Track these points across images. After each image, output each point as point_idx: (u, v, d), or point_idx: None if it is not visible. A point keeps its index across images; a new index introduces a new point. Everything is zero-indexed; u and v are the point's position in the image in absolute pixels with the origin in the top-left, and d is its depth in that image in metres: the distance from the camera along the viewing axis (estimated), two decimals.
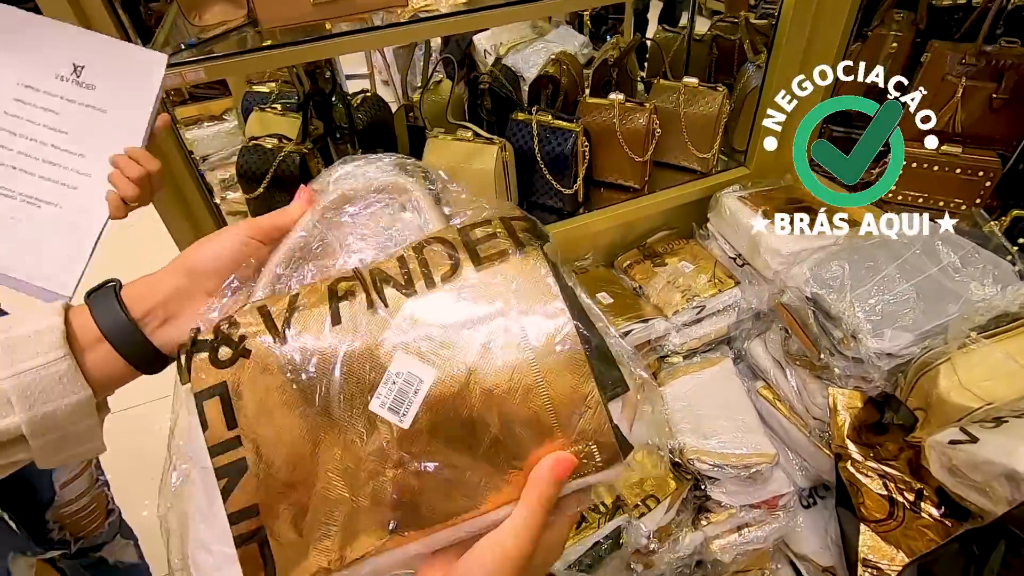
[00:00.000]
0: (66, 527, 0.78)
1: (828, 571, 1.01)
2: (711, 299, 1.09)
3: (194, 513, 0.37)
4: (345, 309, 0.35)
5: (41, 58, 0.65)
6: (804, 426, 0.99)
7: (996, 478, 0.68)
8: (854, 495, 0.87)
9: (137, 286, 0.38)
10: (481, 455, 0.34)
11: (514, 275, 0.36)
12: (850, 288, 0.90)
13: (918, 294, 0.87)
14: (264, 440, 0.34)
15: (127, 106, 0.66)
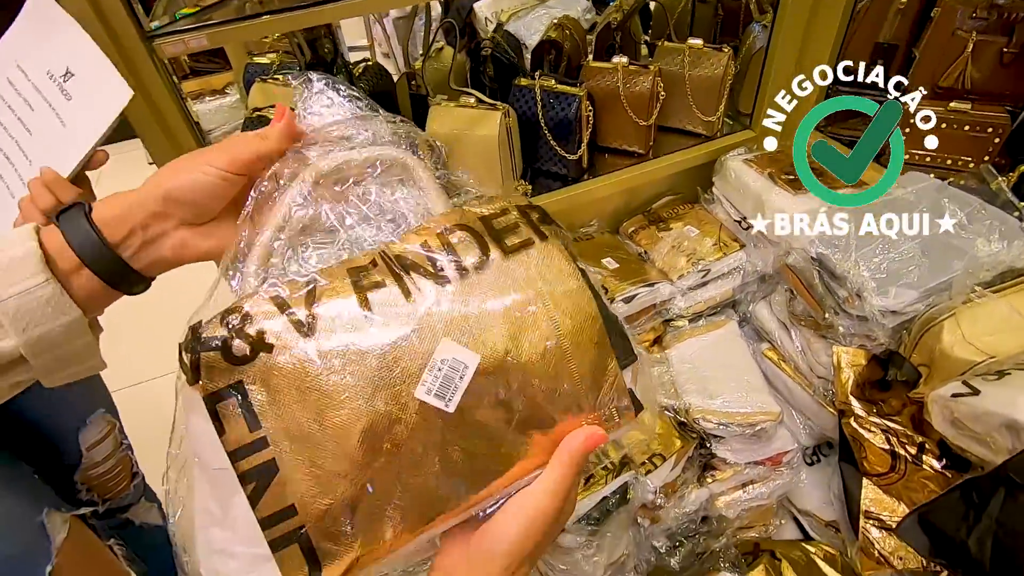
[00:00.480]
0: (94, 488, 0.81)
1: (831, 525, 1.03)
2: (716, 263, 1.09)
3: (203, 520, 0.36)
4: (376, 297, 0.35)
5: (46, 50, 0.63)
6: (808, 385, 1.01)
7: (997, 428, 0.70)
8: (857, 450, 0.88)
9: (110, 207, 0.38)
10: (514, 427, 0.36)
11: (539, 262, 0.38)
12: (855, 247, 0.91)
13: (923, 251, 0.87)
14: (296, 437, 0.32)
15: (79, 128, 0.62)
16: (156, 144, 0.80)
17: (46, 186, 0.59)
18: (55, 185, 0.59)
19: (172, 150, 0.82)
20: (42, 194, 0.58)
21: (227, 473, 0.32)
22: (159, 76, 0.74)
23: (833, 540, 1.03)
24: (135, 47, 0.71)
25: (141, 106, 0.76)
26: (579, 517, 0.86)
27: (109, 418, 0.82)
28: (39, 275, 0.34)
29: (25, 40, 0.64)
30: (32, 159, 0.63)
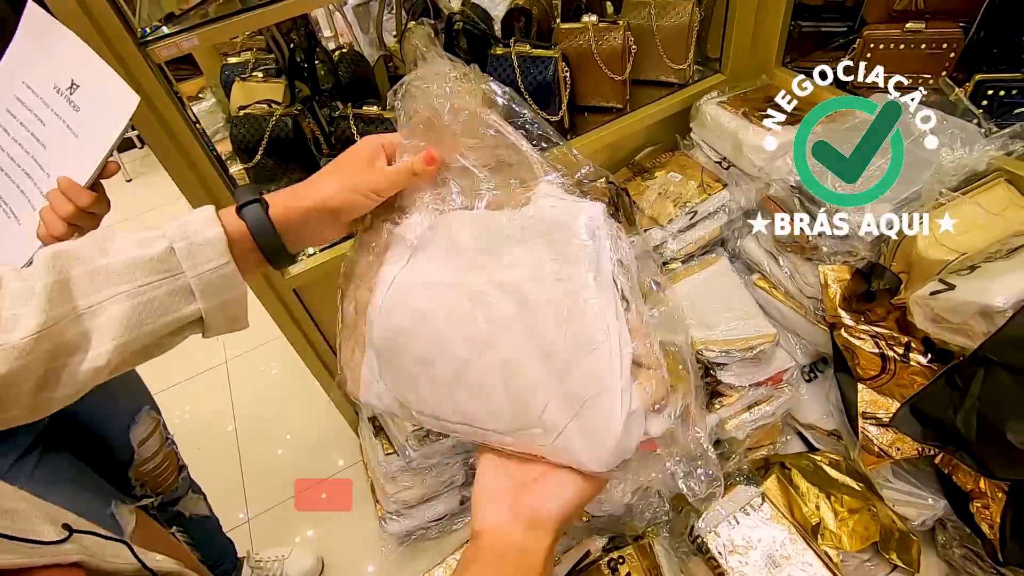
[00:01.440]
0: (147, 484, 0.86)
1: (833, 434, 1.11)
2: (702, 203, 1.15)
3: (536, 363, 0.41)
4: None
5: (49, 65, 0.65)
6: (799, 307, 1.08)
7: (972, 316, 0.77)
8: (850, 358, 0.95)
9: (281, 206, 0.45)
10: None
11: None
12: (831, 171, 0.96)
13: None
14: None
15: (91, 137, 0.64)
16: (163, 149, 0.83)
17: (63, 193, 0.62)
18: (71, 192, 0.63)
19: (179, 155, 0.85)
20: (60, 201, 0.62)
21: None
22: (157, 80, 0.77)
23: (836, 447, 1.12)
24: (130, 53, 0.74)
25: (144, 111, 0.78)
26: None
27: (154, 414, 0.86)
28: (224, 256, 0.41)
29: (27, 57, 0.66)
30: (50, 172, 0.66)
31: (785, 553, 0.92)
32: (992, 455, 0.74)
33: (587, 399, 0.40)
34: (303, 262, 1.06)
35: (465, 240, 0.48)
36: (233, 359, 1.79)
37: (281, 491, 1.41)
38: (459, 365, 0.44)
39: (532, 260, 0.44)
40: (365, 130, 1.04)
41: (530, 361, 0.42)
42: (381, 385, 0.49)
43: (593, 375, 0.40)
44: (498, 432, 0.43)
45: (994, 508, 0.84)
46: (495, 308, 0.43)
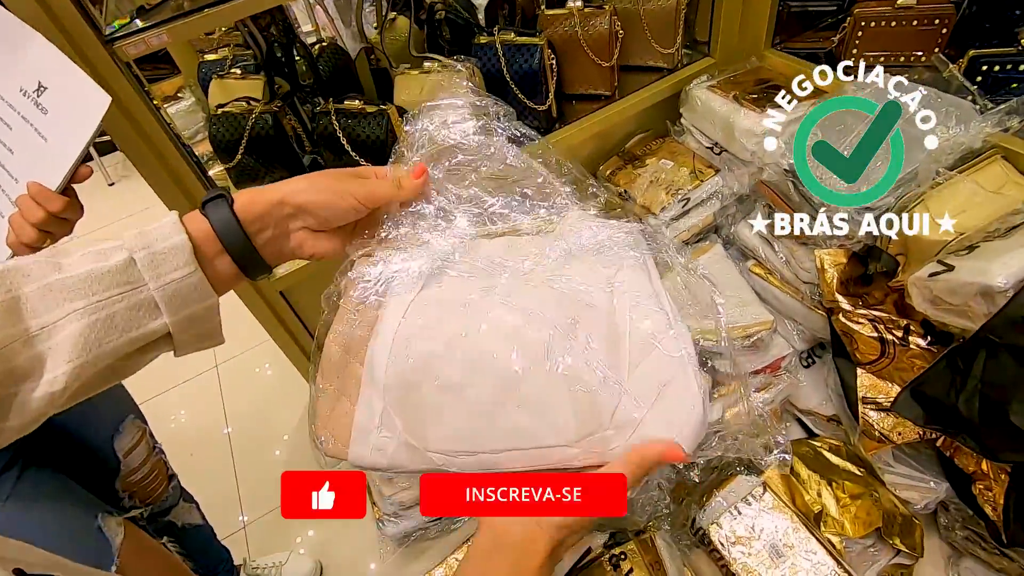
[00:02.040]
0: (135, 494, 0.84)
1: (832, 420, 1.10)
2: (694, 190, 1.13)
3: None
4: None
5: (14, 67, 0.62)
6: (796, 292, 1.06)
7: (973, 297, 0.75)
8: (848, 343, 0.94)
9: (249, 202, 0.42)
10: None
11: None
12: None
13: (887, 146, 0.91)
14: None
15: (62, 141, 0.62)
16: (136, 151, 0.80)
17: (33, 199, 0.60)
18: (42, 197, 0.60)
19: (154, 158, 0.82)
20: (30, 207, 0.60)
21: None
22: (125, 79, 0.74)
23: (836, 433, 1.10)
24: (95, 52, 0.71)
25: (113, 113, 0.75)
26: None
27: (139, 423, 0.84)
28: (190, 265, 0.38)
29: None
30: (19, 178, 0.63)
31: (788, 542, 0.91)
32: (995, 437, 0.73)
33: (662, 386, 0.41)
34: (289, 264, 1.04)
35: (501, 258, 0.48)
36: (224, 363, 1.76)
37: (278, 494, 1.39)
38: (508, 382, 0.42)
39: (586, 271, 0.47)
40: (347, 125, 1.01)
41: (596, 364, 0.42)
42: (382, 434, 0.44)
43: (663, 364, 0.42)
44: (561, 446, 0.41)
45: (997, 490, 0.83)
46: (551, 318, 0.43)
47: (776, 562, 0.90)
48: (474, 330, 0.43)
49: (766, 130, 0.92)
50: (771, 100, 1.09)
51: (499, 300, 0.45)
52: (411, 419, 0.43)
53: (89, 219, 2.15)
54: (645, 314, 0.44)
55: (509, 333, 0.43)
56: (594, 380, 0.41)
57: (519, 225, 0.51)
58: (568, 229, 0.50)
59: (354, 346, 0.46)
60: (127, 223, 2.34)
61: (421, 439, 0.43)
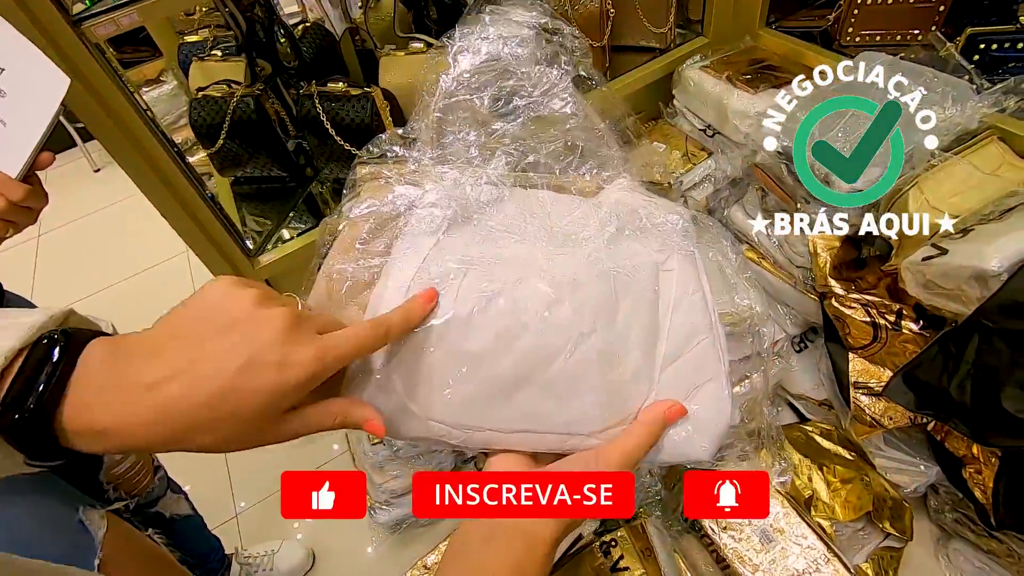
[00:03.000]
0: (120, 486, 0.82)
1: (824, 404, 1.10)
2: (687, 174, 1.11)
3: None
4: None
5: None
6: (789, 277, 1.05)
7: (966, 281, 0.74)
8: (841, 328, 0.93)
9: (99, 416, 0.29)
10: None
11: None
12: (818, 135, 0.92)
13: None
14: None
15: (21, 125, 0.58)
16: (111, 139, 0.78)
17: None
18: (2, 186, 0.57)
19: (130, 146, 0.79)
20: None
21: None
22: (96, 61, 0.71)
23: (827, 417, 1.10)
24: (63, 33, 0.68)
25: (85, 98, 0.73)
26: None
27: None
28: None
29: None
30: None
31: (778, 527, 0.91)
32: (987, 422, 0.73)
33: (694, 388, 0.40)
34: (275, 250, 1.02)
35: (541, 216, 0.43)
36: None
37: (271, 482, 1.38)
38: (536, 360, 0.38)
39: (636, 252, 0.42)
40: (330, 108, 0.98)
41: (632, 351, 0.39)
42: (378, 393, 0.39)
43: (698, 366, 0.40)
44: (580, 435, 0.39)
45: (987, 473, 0.83)
46: (592, 297, 0.39)
47: (766, 547, 0.90)
48: (503, 296, 0.38)
49: (766, 130, 0.88)
50: (765, 81, 1.08)
51: (536, 266, 0.40)
52: (414, 382, 0.38)
53: (75, 206, 2.14)
54: (688, 312, 0.41)
55: (543, 306, 0.38)
56: (628, 371, 0.39)
57: (564, 182, 0.46)
58: (615, 199, 0.45)
59: (356, 289, 0.41)
60: (113, 211, 2.30)
61: (424, 406, 0.39)
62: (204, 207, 0.90)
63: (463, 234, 0.42)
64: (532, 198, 0.44)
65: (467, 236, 0.42)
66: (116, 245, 2.17)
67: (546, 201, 0.44)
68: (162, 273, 2.00)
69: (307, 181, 1.18)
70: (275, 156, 1.12)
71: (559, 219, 0.43)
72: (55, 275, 2.12)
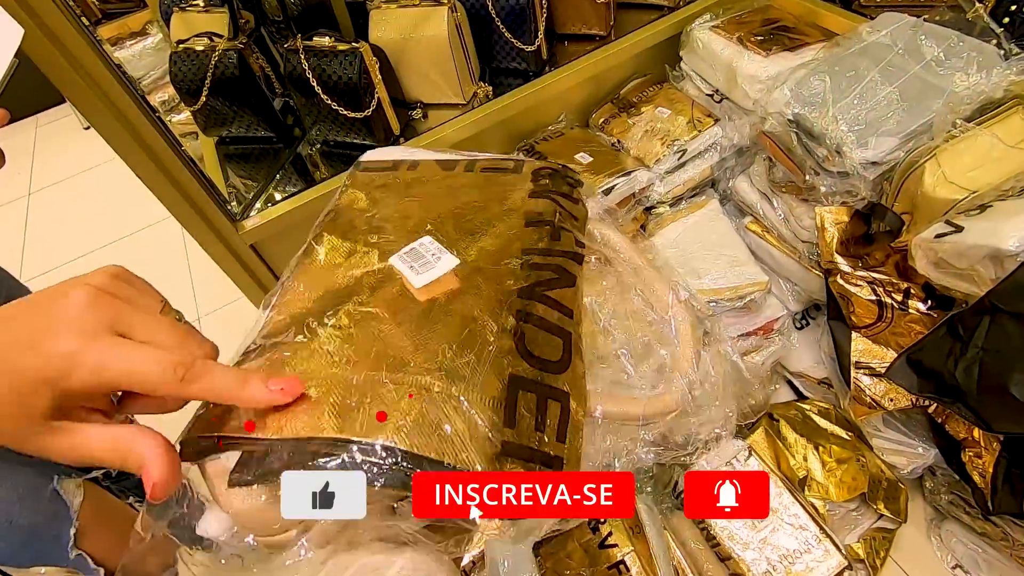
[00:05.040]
0: None
1: (823, 383, 1.08)
2: (692, 141, 1.06)
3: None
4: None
5: None
6: (793, 251, 1.01)
7: (980, 261, 0.70)
8: (845, 306, 0.90)
9: None
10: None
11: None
12: (832, 102, 0.87)
13: (901, 95, 0.84)
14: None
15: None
16: (84, 101, 0.73)
17: None
18: None
19: (105, 108, 0.74)
20: None
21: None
22: (63, 15, 0.66)
23: (826, 395, 1.08)
24: None
25: (50, 53, 0.68)
26: None
27: None
28: None
29: None
30: None
31: (772, 506, 0.89)
32: (992, 408, 0.70)
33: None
34: (259, 215, 0.98)
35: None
36: (207, 315, 1.73)
37: None
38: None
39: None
40: (316, 65, 0.93)
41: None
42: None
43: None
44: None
45: (987, 458, 0.81)
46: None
47: (757, 525, 0.89)
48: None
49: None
50: (779, 43, 1.02)
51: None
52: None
53: (65, 165, 2.08)
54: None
55: None
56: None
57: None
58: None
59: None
60: (105, 169, 2.25)
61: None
62: (184, 169, 0.86)
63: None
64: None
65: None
66: (108, 205, 2.13)
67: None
68: (155, 235, 1.97)
69: (295, 142, 1.13)
70: (261, 115, 1.07)
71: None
72: (46, 235, 2.09)
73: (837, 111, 0.87)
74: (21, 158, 2.37)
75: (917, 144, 0.81)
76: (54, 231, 2.11)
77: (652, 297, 0.53)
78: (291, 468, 0.33)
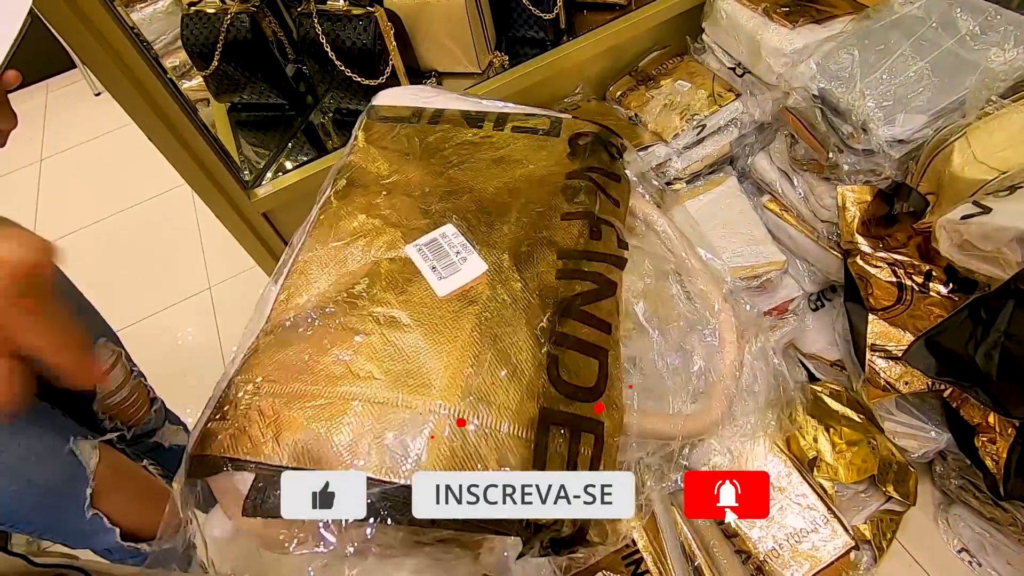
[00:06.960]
0: (115, 417, 0.82)
1: (836, 364, 1.07)
2: (712, 116, 1.03)
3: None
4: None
5: None
6: (811, 231, 0.99)
7: (1007, 243, 0.68)
8: (863, 288, 0.88)
9: None
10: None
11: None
12: (860, 76, 0.85)
13: (933, 70, 0.81)
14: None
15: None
16: (100, 65, 0.72)
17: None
18: None
19: (119, 72, 0.73)
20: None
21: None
22: None
23: (838, 378, 1.07)
24: None
25: (71, 20, 0.67)
26: None
27: (112, 346, 0.80)
28: None
29: None
30: None
31: (780, 485, 0.90)
32: (1011, 393, 0.69)
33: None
34: (271, 183, 0.97)
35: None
36: (217, 284, 1.73)
37: None
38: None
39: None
40: (330, 29, 0.91)
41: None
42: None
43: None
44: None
45: (1001, 444, 0.80)
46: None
47: None
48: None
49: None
50: (806, 15, 0.98)
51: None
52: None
53: (77, 131, 2.07)
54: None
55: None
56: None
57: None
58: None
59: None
60: (116, 136, 2.24)
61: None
62: (198, 136, 0.85)
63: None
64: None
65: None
66: (119, 172, 2.13)
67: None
68: (166, 202, 1.96)
69: (307, 110, 1.11)
70: (273, 81, 1.05)
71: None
72: (58, 201, 2.09)
73: (865, 86, 0.84)
74: (32, 123, 2.36)
75: (947, 122, 0.79)
76: (66, 197, 2.11)
77: (693, 288, 0.50)
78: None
